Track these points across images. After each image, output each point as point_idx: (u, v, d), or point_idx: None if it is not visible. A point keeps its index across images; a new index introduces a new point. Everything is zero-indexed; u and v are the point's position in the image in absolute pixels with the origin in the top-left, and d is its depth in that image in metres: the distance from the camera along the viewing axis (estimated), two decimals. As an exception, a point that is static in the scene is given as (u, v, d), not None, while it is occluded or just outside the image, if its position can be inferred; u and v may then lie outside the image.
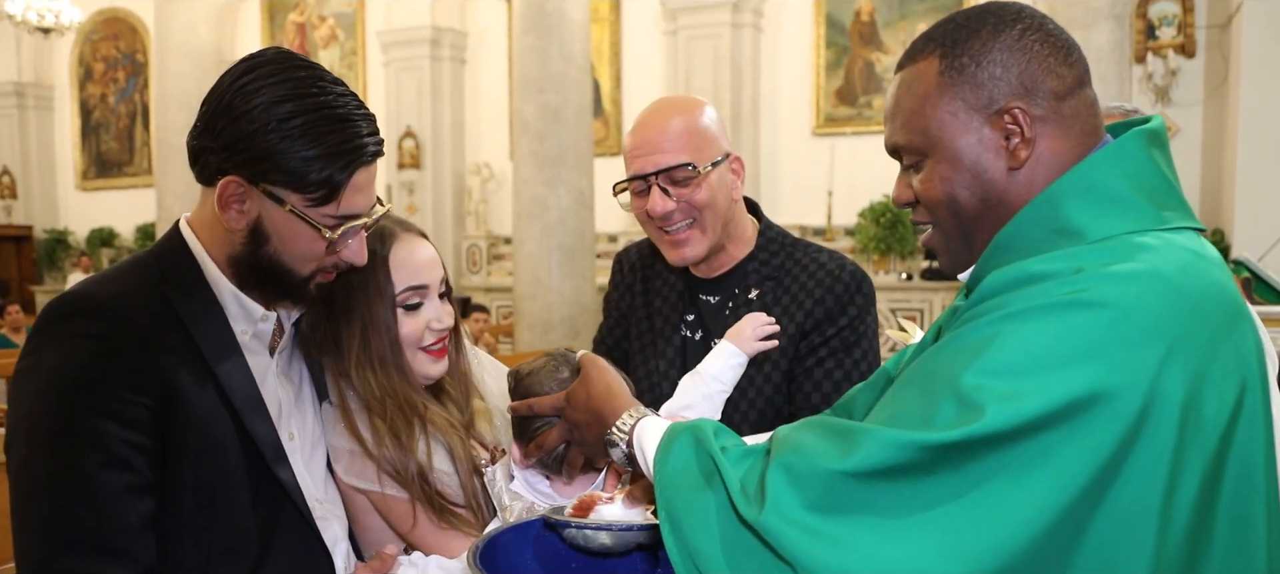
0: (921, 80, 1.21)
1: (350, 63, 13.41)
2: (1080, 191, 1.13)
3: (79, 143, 15.58)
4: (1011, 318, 1.02)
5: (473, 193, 12.38)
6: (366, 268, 1.60)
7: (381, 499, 1.63)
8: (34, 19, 12.09)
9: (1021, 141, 1.15)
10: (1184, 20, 9.01)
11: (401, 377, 1.66)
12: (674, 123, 1.83)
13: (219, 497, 1.44)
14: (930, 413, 1.01)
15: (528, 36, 7.79)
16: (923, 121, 1.20)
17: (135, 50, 14.92)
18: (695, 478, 1.14)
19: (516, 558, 1.42)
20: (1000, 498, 0.96)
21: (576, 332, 7.81)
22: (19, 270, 15.66)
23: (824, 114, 10.96)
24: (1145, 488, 0.98)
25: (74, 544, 1.31)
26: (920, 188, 1.22)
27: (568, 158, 7.79)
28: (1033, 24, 1.17)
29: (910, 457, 0.99)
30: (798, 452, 1.06)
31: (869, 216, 10.15)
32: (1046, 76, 1.15)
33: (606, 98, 11.84)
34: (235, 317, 1.51)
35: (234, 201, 1.43)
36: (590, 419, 1.41)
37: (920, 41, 1.24)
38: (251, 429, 1.47)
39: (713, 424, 1.22)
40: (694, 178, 1.81)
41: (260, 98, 1.39)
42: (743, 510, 1.06)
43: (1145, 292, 1.00)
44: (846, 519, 1.00)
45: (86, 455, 1.32)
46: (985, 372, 0.99)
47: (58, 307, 1.42)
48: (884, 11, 10.66)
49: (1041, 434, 0.96)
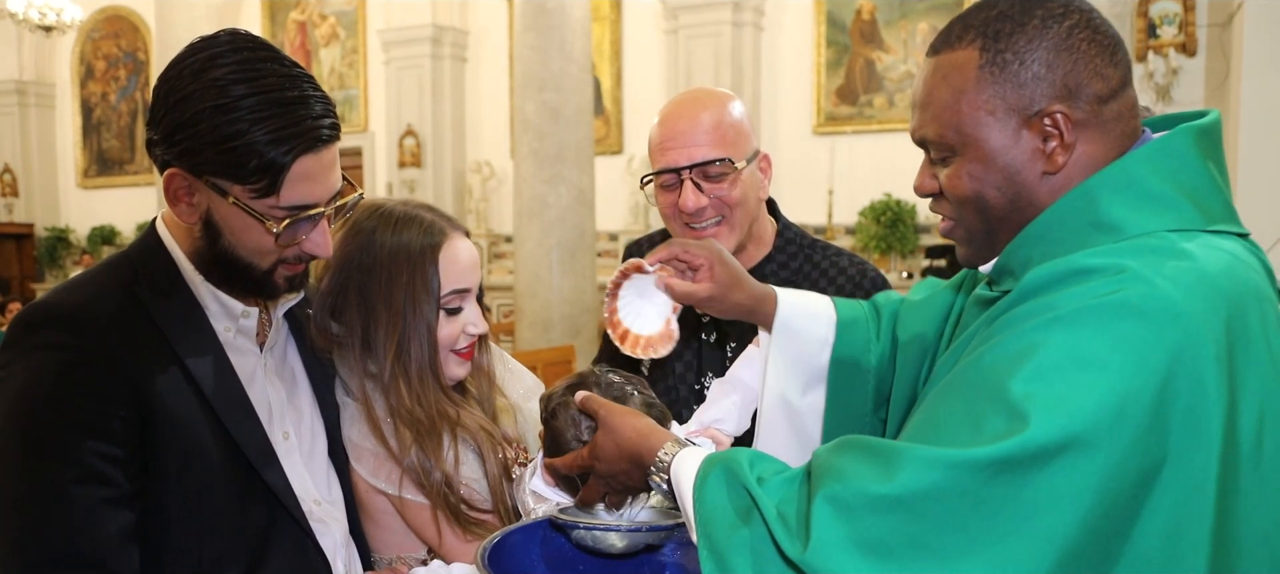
0: (959, 71, 1.13)
1: (351, 61, 13.40)
2: (1119, 187, 1.09)
3: (80, 141, 15.56)
4: (1058, 323, 0.98)
5: (473, 191, 12.36)
6: (414, 264, 1.55)
7: (401, 503, 1.60)
8: (36, 17, 12.06)
9: (1059, 146, 1.10)
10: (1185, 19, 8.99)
11: (436, 382, 1.61)
12: (708, 116, 1.77)
13: (206, 502, 1.40)
14: (977, 425, 0.97)
15: (528, 35, 7.78)
16: (956, 117, 1.13)
17: (136, 48, 14.90)
18: (731, 516, 1.08)
19: (524, 558, 1.41)
20: (1052, 517, 0.93)
21: (577, 330, 7.81)
22: (20, 268, 15.64)
23: (825, 113, 10.95)
24: (1193, 495, 0.96)
25: (50, 561, 1.27)
26: (947, 183, 1.17)
27: (568, 156, 7.78)
28: (1082, 20, 1.11)
29: (960, 479, 0.94)
30: (840, 478, 1.00)
31: (870, 215, 10.14)
32: (1092, 79, 1.10)
33: (607, 96, 11.83)
34: (215, 315, 1.46)
35: (183, 194, 1.37)
36: (627, 466, 1.32)
37: (959, 26, 1.16)
38: (234, 431, 1.42)
39: (748, 453, 1.15)
40: (729, 174, 1.76)
41: (197, 83, 1.30)
42: (786, 548, 1.00)
43: (1191, 295, 0.98)
44: (896, 558, 0.95)
45: (59, 471, 1.28)
46: (1034, 379, 0.95)
47: (26, 317, 1.37)
48: (885, 10, 10.64)
49: (1089, 444, 0.93)
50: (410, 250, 1.59)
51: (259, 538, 1.45)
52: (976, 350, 1.07)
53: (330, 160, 1.39)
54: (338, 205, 1.44)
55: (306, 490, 1.53)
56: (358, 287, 1.59)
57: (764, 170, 1.85)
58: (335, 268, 1.61)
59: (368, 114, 13.35)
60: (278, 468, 1.47)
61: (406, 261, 1.57)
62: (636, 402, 1.44)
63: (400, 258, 1.59)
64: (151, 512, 1.36)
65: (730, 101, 1.82)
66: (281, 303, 1.57)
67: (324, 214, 1.41)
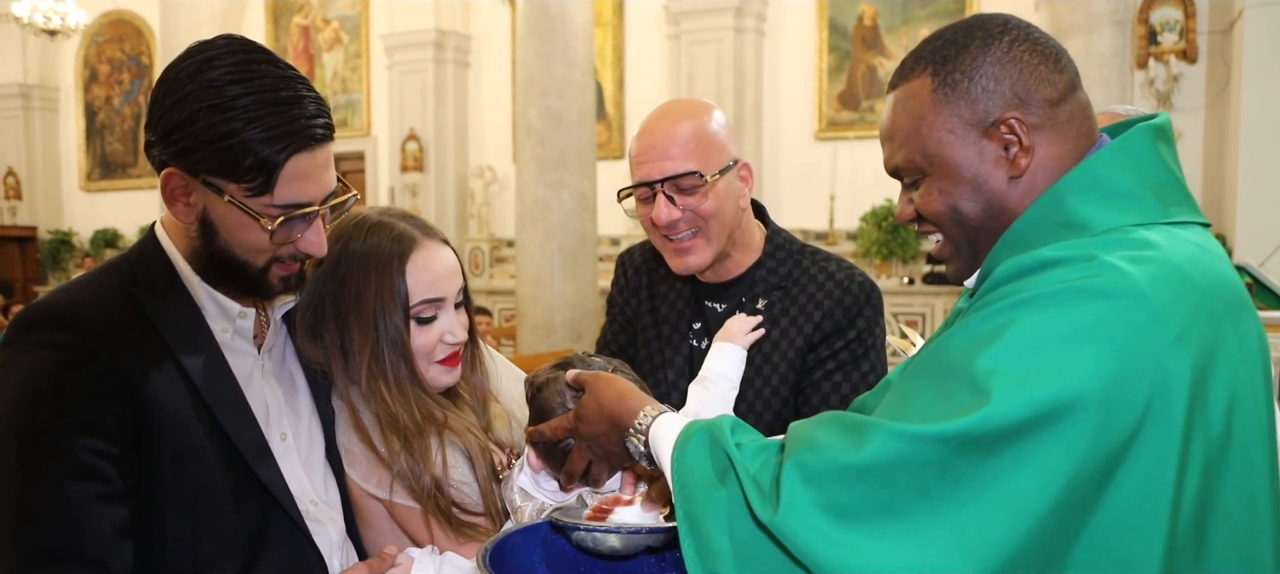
0: (915, 99, 1.21)
1: (354, 66, 13.43)
2: (1085, 187, 1.14)
3: (83, 144, 15.60)
4: (1025, 304, 1.03)
5: (475, 196, 12.38)
6: (381, 272, 1.55)
7: (392, 507, 1.60)
8: (40, 21, 12.11)
9: (1020, 150, 1.16)
10: (1186, 26, 9.00)
11: (416, 387, 1.60)
12: (681, 128, 1.77)
13: (201, 499, 1.41)
14: (944, 401, 1.01)
15: (531, 40, 7.80)
16: (919, 141, 1.20)
17: (140, 52, 14.95)
18: (710, 476, 1.14)
19: (525, 560, 1.42)
20: (1016, 489, 0.96)
21: (578, 335, 7.82)
22: (23, 271, 15.67)
23: (826, 118, 10.97)
24: (1155, 472, 1.00)
25: (43, 555, 1.29)
26: (922, 203, 1.23)
27: (570, 161, 7.79)
28: (1020, 34, 1.18)
29: (925, 450, 0.98)
30: (812, 447, 1.06)
31: (871, 221, 10.14)
32: (1039, 85, 1.16)
33: (609, 101, 11.85)
34: (212, 315, 1.47)
35: (180, 194, 1.39)
36: (607, 428, 1.37)
37: (910, 61, 1.24)
38: (229, 429, 1.43)
39: (731, 419, 1.21)
40: (701, 186, 1.76)
41: (194, 84, 1.33)
42: (758, 510, 1.05)
43: (1156, 280, 1.02)
44: (863, 521, 1.00)
45: (53, 466, 1.30)
46: (1000, 357, 1.00)
47: (24, 316, 1.39)
48: (886, 16, 10.67)
49: (1054, 420, 0.96)
50: (378, 257, 1.58)
51: (254, 536, 1.46)
52: (946, 332, 1.13)
53: (324, 160, 1.41)
54: (333, 205, 1.45)
55: (303, 491, 1.54)
56: (332, 296, 1.59)
57: (744, 179, 1.86)
58: (312, 277, 1.61)
59: (370, 118, 13.38)
60: (273, 466, 1.48)
61: (375, 269, 1.56)
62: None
63: (369, 266, 1.58)
64: (147, 508, 1.37)
65: (709, 112, 1.82)
66: (278, 304, 1.58)
67: (318, 213, 1.42)
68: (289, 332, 1.64)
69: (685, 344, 1.94)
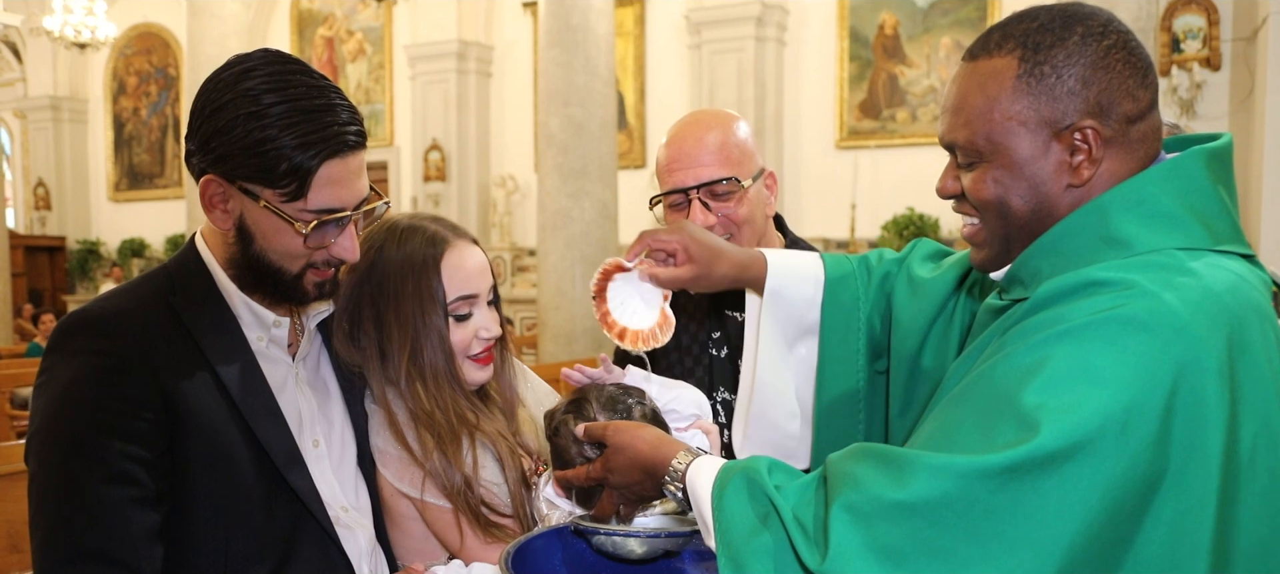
0: (995, 79, 1.15)
1: (377, 77, 13.55)
2: (1130, 204, 1.11)
3: (112, 155, 15.81)
4: (1067, 336, 1.02)
5: (497, 205, 12.45)
6: (418, 274, 1.59)
7: (423, 506, 1.63)
8: (71, 34, 12.29)
9: (1087, 160, 1.12)
10: (1209, 33, 8.92)
11: (453, 387, 1.64)
12: (712, 137, 1.81)
13: (232, 504, 1.44)
14: (988, 434, 1.00)
15: (553, 50, 7.85)
16: (989, 125, 1.15)
17: (167, 64, 15.15)
18: (752, 521, 1.10)
19: (546, 563, 1.44)
20: (1059, 521, 0.96)
21: (600, 344, 7.84)
22: (52, 280, 15.89)
23: (847, 127, 10.96)
24: (1194, 502, 0.99)
25: (76, 556, 1.32)
26: (971, 187, 1.19)
27: (592, 170, 7.82)
28: (1119, 40, 1.13)
29: (972, 487, 0.97)
30: (856, 486, 1.03)
31: (892, 230, 10.12)
32: (1123, 99, 1.12)
33: (631, 111, 11.89)
34: (248, 324, 1.51)
35: (217, 201, 1.43)
36: (641, 478, 1.34)
37: (999, 34, 1.17)
38: (262, 436, 1.46)
39: (766, 461, 1.17)
40: (736, 192, 1.79)
41: (232, 93, 1.37)
42: (805, 557, 1.03)
43: (1195, 311, 1.01)
44: (911, 563, 0.98)
45: (89, 470, 1.34)
46: (1045, 391, 0.98)
47: (66, 325, 1.44)
48: (907, 25, 10.65)
49: (1094, 447, 0.96)
50: (414, 261, 1.63)
51: (284, 540, 1.49)
52: (989, 361, 1.09)
53: (357, 166, 1.44)
54: (365, 211, 1.49)
55: (334, 497, 1.57)
56: (370, 300, 1.63)
57: (770, 187, 1.89)
58: (348, 284, 1.65)
59: (393, 128, 13.49)
60: (304, 472, 1.51)
61: (411, 272, 1.60)
62: (637, 414, 1.48)
63: (405, 269, 1.62)
64: (180, 512, 1.41)
65: (735, 122, 1.86)
66: (312, 313, 1.61)
67: (351, 218, 1.46)
68: (324, 340, 1.67)
69: (705, 354, 1.95)
